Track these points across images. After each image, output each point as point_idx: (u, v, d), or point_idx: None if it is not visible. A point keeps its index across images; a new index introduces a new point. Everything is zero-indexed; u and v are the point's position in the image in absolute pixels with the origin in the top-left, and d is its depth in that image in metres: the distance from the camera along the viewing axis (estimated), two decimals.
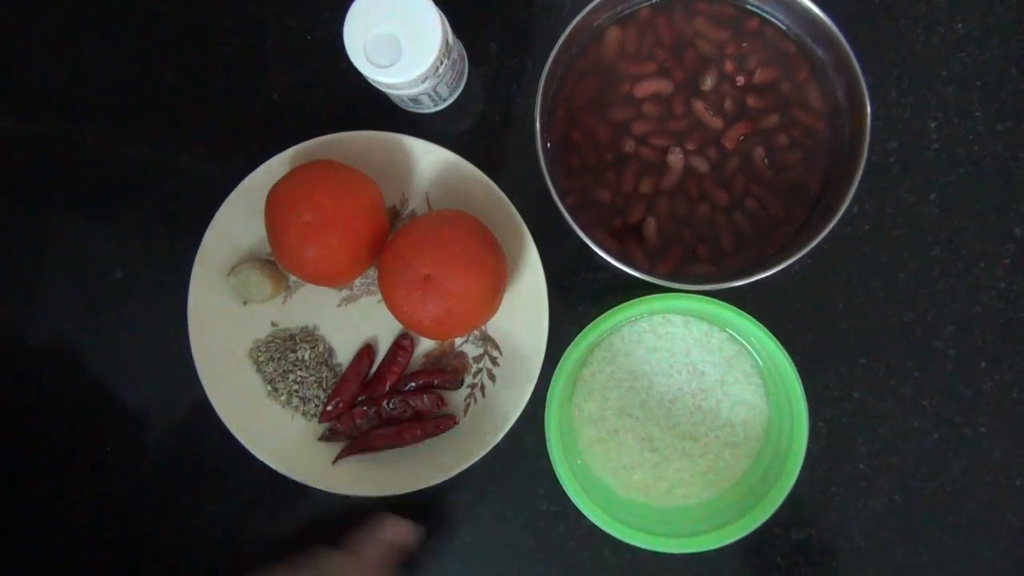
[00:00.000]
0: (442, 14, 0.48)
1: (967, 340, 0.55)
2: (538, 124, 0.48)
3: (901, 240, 0.55)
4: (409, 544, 0.53)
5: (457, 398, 0.55)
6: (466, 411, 0.55)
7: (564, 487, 0.49)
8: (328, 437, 0.55)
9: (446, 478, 0.52)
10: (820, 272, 0.55)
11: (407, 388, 0.55)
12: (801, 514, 0.55)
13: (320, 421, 0.55)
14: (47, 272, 0.58)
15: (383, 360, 0.55)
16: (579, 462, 0.52)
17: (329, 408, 0.55)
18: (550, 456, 0.49)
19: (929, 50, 0.56)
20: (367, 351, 0.55)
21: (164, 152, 0.58)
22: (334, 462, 0.54)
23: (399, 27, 0.47)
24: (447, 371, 0.55)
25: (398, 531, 0.53)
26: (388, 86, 0.49)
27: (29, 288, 0.58)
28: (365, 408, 0.55)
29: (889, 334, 0.55)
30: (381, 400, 0.54)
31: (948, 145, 0.55)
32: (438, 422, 0.54)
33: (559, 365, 0.49)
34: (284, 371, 0.55)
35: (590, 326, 0.49)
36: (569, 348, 0.49)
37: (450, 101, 0.55)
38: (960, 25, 0.56)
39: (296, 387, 0.55)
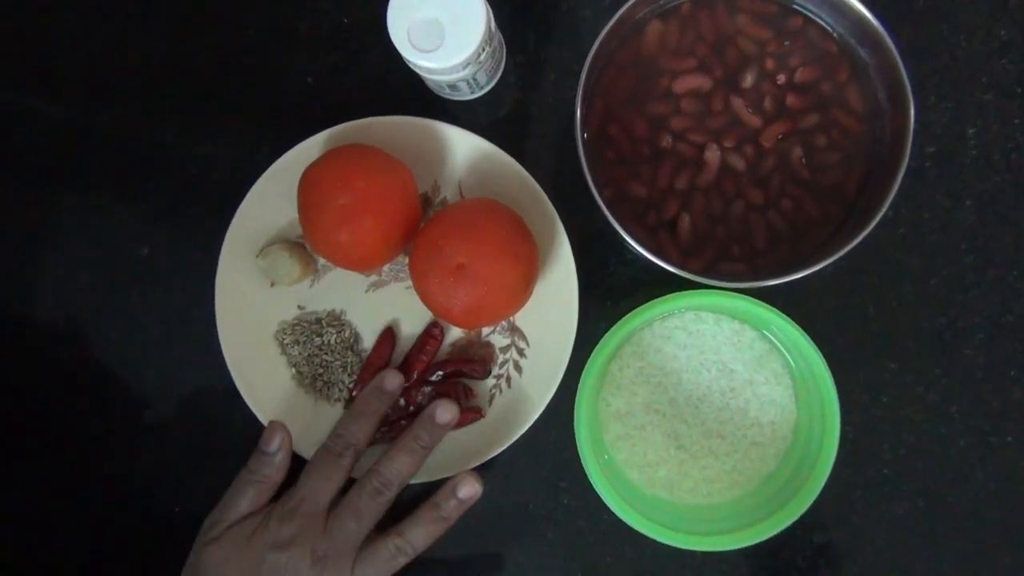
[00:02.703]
0: (485, 0, 0.47)
1: (997, 348, 0.55)
2: (578, 116, 0.48)
3: (935, 245, 0.55)
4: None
5: (483, 388, 0.55)
6: (491, 401, 0.54)
7: (592, 482, 0.49)
8: None
9: (469, 467, 0.52)
10: (852, 274, 0.55)
11: (434, 377, 0.54)
12: (823, 517, 0.54)
13: (345, 406, 0.55)
14: (73, 247, 0.57)
15: (412, 349, 0.55)
16: (605, 457, 0.52)
17: (354, 393, 0.54)
18: (579, 450, 0.49)
19: (970, 56, 0.55)
20: (388, 335, 0.55)
21: (195, 133, 0.57)
22: None
23: (443, 12, 0.46)
24: (474, 360, 0.54)
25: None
26: (428, 71, 0.48)
27: (54, 265, 0.57)
28: None
29: (919, 339, 0.55)
30: (409, 389, 0.54)
31: (985, 152, 0.55)
32: (463, 414, 0.53)
33: (590, 359, 0.49)
34: (309, 355, 0.55)
35: (623, 320, 0.49)
36: (601, 341, 0.49)
37: (487, 89, 0.55)
38: (1003, 32, 0.55)
39: (321, 371, 0.55)
